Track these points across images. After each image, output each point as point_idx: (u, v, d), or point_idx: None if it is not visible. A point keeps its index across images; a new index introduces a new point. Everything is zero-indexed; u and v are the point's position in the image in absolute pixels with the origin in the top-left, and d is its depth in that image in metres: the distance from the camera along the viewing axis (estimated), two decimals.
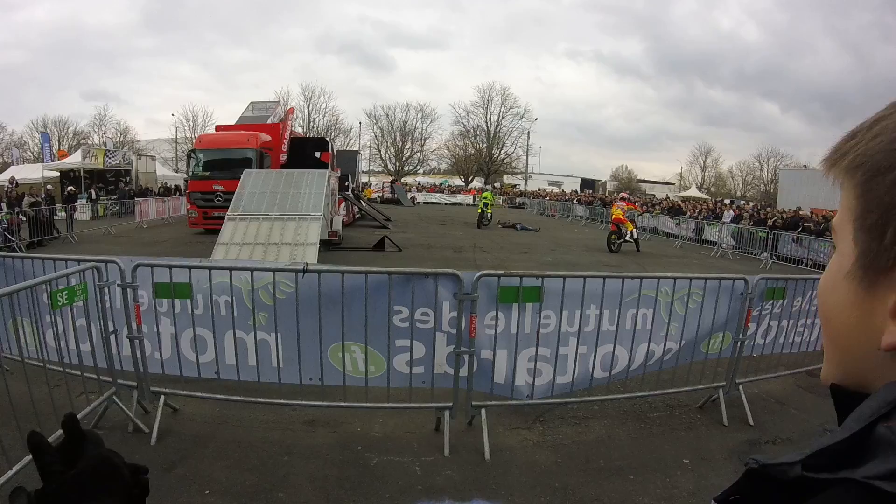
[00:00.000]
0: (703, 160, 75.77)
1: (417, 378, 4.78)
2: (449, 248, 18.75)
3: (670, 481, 4.29)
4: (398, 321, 4.67)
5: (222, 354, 4.78)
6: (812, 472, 0.53)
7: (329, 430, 4.91)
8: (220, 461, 4.30)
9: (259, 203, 14.57)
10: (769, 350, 5.87)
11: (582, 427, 5.17)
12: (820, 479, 0.52)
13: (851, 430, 0.52)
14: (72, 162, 33.46)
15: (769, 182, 68.18)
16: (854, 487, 0.49)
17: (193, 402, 5.09)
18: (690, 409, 5.64)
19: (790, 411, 5.73)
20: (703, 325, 5.29)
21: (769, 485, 0.58)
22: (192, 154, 22.54)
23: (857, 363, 0.58)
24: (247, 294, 4.68)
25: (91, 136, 62.39)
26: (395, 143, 71.86)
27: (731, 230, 23.08)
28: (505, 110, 71.50)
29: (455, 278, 4.58)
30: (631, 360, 5.09)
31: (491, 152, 71.22)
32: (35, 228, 17.52)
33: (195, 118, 65.87)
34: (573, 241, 23.51)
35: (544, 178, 73.83)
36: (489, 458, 4.48)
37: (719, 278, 5.39)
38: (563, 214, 41.65)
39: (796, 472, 0.55)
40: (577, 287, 4.80)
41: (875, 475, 0.48)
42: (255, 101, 27.19)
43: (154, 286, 4.69)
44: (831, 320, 0.61)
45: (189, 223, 22.05)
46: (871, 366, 0.56)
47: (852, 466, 0.51)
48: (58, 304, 4.24)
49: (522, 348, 4.79)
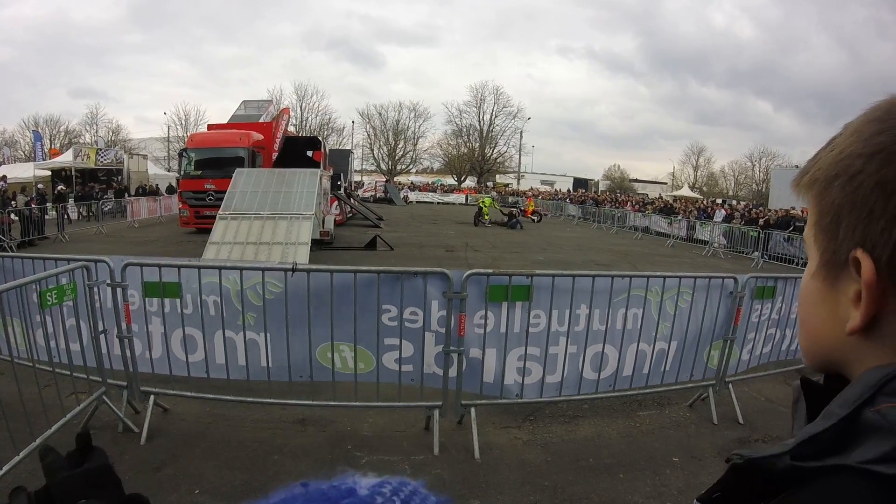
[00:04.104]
0: (695, 160, 76.05)
1: (406, 376, 4.79)
2: (441, 248, 18.76)
3: (660, 479, 4.31)
4: (387, 320, 4.67)
5: (212, 354, 4.78)
6: (801, 461, 0.55)
7: (319, 429, 4.91)
8: (210, 460, 4.29)
9: (251, 202, 14.53)
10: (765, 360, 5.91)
11: (572, 425, 5.19)
12: (810, 467, 0.54)
13: (838, 416, 0.55)
14: (63, 161, 33.24)
15: (761, 181, 68.48)
16: (850, 473, 0.51)
17: (183, 402, 5.07)
18: (680, 407, 5.67)
19: (779, 409, 5.75)
20: (694, 325, 5.31)
21: (754, 479, 0.59)
22: (184, 153, 22.47)
23: (834, 351, 0.63)
24: (235, 294, 4.67)
25: (83, 135, 62.01)
26: (388, 143, 71.71)
27: (722, 229, 23.20)
28: (498, 109, 71.59)
29: (444, 277, 4.59)
30: (621, 361, 5.09)
31: (483, 151, 71.20)
32: (26, 228, 17.44)
33: (187, 117, 65.53)
34: (565, 241, 23.57)
35: (537, 178, 73.95)
36: (479, 457, 4.49)
37: (709, 277, 5.41)
38: (555, 213, 41.71)
39: (784, 462, 0.56)
40: (566, 286, 4.81)
41: (870, 459, 0.50)
42: (247, 100, 27.15)
43: (143, 285, 4.68)
44: (807, 319, 0.67)
45: (181, 222, 21.96)
46: (845, 352, 0.61)
47: (842, 452, 0.53)
48: (47, 303, 4.22)
49: (512, 347, 4.79)
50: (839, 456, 0.53)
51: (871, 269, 0.56)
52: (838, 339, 0.61)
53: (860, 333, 0.58)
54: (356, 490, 0.53)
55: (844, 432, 0.54)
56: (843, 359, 0.62)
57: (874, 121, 0.60)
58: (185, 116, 65.65)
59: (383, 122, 71.53)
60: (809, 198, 0.65)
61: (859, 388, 0.56)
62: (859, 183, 0.58)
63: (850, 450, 0.53)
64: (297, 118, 64.08)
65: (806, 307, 0.67)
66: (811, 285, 0.65)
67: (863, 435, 0.53)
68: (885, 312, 0.57)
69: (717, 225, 23.79)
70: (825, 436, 0.55)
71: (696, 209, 30.08)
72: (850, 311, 0.59)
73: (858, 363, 0.59)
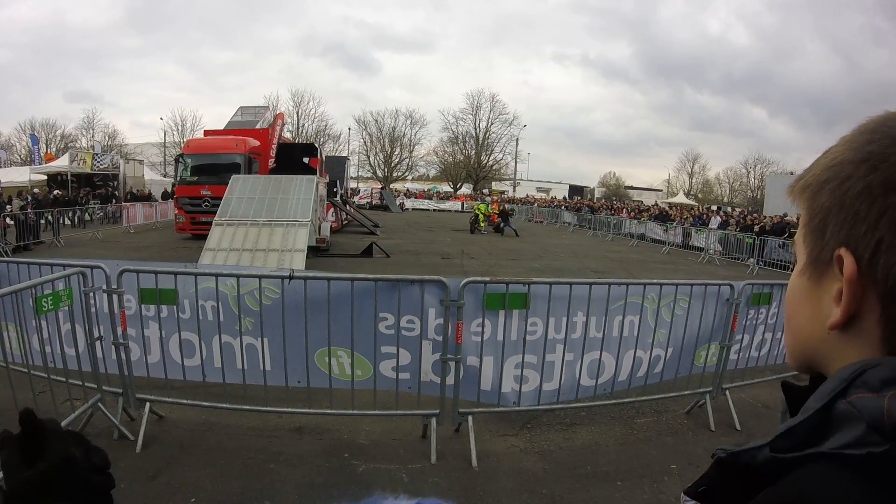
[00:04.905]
0: (690, 167, 76.45)
1: (404, 384, 4.78)
2: (437, 255, 18.77)
3: (658, 487, 4.31)
4: (384, 328, 4.66)
5: (209, 359, 4.76)
6: (780, 452, 0.58)
7: (315, 437, 4.90)
8: (206, 468, 4.27)
9: (247, 208, 14.50)
10: (762, 362, 5.92)
11: (569, 433, 5.18)
12: (788, 458, 0.57)
13: (814, 408, 0.58)
14: (59, 165, 33.17)
15: (756, 188, 68.76)
16: (823, 460, 0.54)
17: (179, 409, 5.05)
18: (677, 414, 5.67)
19: (776, 415, 5.57)
20: (690, 332, 5.31)
21: (738, 472, 0.62)
22: (181, 159, 22.43)
23: (815, 349, 0.67)
24: (233, 299, 4.66)
25: (79, 140, 61.99)
26: (384, 149, 71.79)
27: (718, 236, 23.26)
28: (494, 117, 71.78)
29: (441, 285, 4.58)
30: (618, 368, 5.09)
31: (480, 159, 71.32)
32: (21, 232, 17.39)
33: (184, 122, 65.53)
34: (561, 248, 23.59)
35: (533, 185, 74.14)
36: (476, 465, 4.48)
37: (705, 284, 5.42)
38: (550, 221, 41.79)
39: (765, 454, 0.59)
40: (563, 293, 4.81)
41: (842, 445, 0.53)
42: (244, 106, 27.13)
43: (140, 292, 4.66)
44: (792, 317, 0.71)
45: (176, 228, 21.90)
46: (825, 349, 0.65)
47: (818, 443, 0.56)
48: (43, 309, 4.20)
49: (509, 355, 4.79)
50: (815, 446, 0.56)
51: (852, 266, 0.60)
52: (820, 336, 0.65)
53: (840, 330, 0.62)
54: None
55: (819, 424, 0.57)
56: (824, 356, 0.65)
57: (866, 132, 0.63)
58: (182, 122, 65.73)
59: (379, 129, 71.71)
60: (801, 201, 0.68)
61: (833, 383, 0.59)
62: (848, 187, 0.61)
63: (825, 439, 0.56)
64: (294, 124, 64.19)
65: (792, 305, 0.70)
66: (797, 283, 0.69)
67: (836, 425, 0.56)
68: (864, 310, 0.60)
69: (712, 232, 23.85)
70: (801, 428, 0.58)
71: (692, 216, 30.18)
72: (832, 308, 0.62)
73: (838, 360, 0.62)
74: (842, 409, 0.56)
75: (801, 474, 0.55)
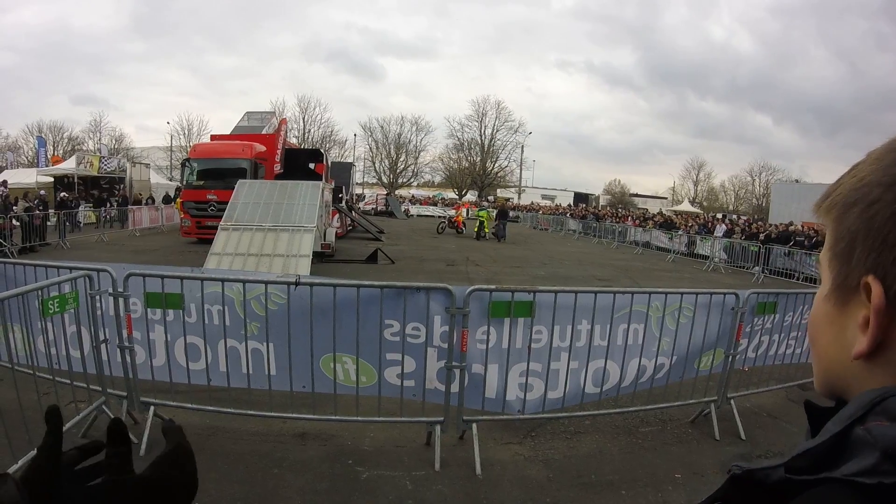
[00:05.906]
0: (695, 174, 76.30)
1: (408, 391, 4.78)
2: (442, 262, 18.74)
3: (662, 496, 4.29)
4: (389, 335, 4.66)
5: (214, 363, 4.77)
6: (794, 473, 0.57)
7: (320, 443, 4.89)
8: (210, 473, 4.26)
9: (252, 213, 14.56)
10: (760, 362, 5.92)
11: (573, 442, 5.17)
12: (802, 480, 0.56)
13: (831, 432, 0.57)
14: (66, 168, 33.23)
15: (761, 196, 68.66)
16: (836, 485, 0.53)
17: (183, 413, 5.04)
18: (682, 423, 5.64)
19: (782, 425, 5.75)
20: (695, 341, 5.30)
21: (752, 490, 0.61)
22: (187, 163, 22.53)
23: (838, 376, 0.65)
24: (239, 304, 4.67)
25: (86, 142, 62.23)
26: (390, 156, 71.89)
27: (723, 244, 23.20)
28: (499, 124, 71.80)
29: (447, 292, 4.58)
30: (622, 376, 5.09)
31: (485, 166, 71.38)
32: (28, 234, 17.46)
33: (190, 127, 65.80)
34: (566, 255, 23.57)
35: (538, 192, 74.18)
36: (480, 473, 4.47)
37: (710, 293, 5.41)
38: (555, 228, 41.78)
39: (779, 474, 0.58)
40: (568, 302, 4.81)
41: (855, 472, 0.52)
42: (250, 111, 27.25)
43: (146, 296, 4.68)
44: (816, 339, 0.69)
45: (182, 232, 21.97)
46: (848, 377, 0.63)
47: (832, 467, 0.55)
48: (49, 311, 4.22)
49: (514, 363, 4.79)
50: (830, 470, 0.55)
51: (880, 295, 0.58)
52: (843, 363, 0.63)
53: (865, 358, 0.60)
54: None
55: (836, 448, 0.56)
56: (848, 383, 0.63)
57: (894, 150, 0.61)
58: (189, 126, 66.00)
59: (385, 136, 71.79)
60: (828, 221, 0.67)
61: (853, 408, 0.58)
62: (876, 211, 0.59)
63: (840, 464, 0.55)
64: (300, 130, 64.40)
65: (815, 328, 0.69)
66: (822, 308, 0.67)
67: (851, 450, 0.55)
68: (890, 339, 0.58)
69: (717, 240, 23.79)
70: (817, 450, 0.57)
71: (697, 224, 30.10)
72: (857, 335, 0.60)
73: (861, 388, 0.60)
74: (859, 435, 0.55)
75: (811, 497, 0.55)
